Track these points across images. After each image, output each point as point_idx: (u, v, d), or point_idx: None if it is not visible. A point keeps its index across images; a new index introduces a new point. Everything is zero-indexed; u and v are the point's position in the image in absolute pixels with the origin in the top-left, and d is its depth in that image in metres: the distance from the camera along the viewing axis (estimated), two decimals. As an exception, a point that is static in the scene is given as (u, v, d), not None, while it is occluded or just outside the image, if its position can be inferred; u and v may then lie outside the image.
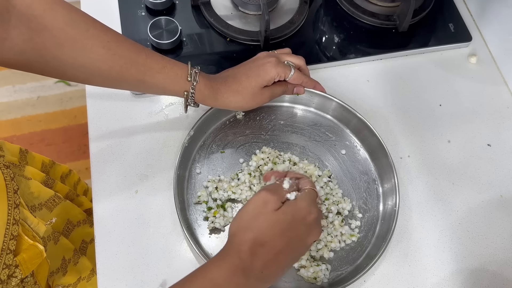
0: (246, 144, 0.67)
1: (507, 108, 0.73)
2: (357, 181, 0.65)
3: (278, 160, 0.65)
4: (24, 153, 0.73)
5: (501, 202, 0.66)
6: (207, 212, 0.61)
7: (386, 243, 0.58)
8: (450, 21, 0.78)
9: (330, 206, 0.62)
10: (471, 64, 0.76)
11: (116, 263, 0.58)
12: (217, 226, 0.60)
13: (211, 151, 0.66)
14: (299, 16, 0.75)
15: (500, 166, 0.68)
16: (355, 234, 0.61)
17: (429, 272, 0.61)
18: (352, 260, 0.60)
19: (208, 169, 0.65)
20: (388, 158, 0.63)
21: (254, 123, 0.68)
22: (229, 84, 0.59)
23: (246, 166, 0.65)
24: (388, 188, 0.63)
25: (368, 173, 0.66)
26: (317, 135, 0.68)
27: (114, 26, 0.73)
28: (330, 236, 0.61)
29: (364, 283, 0.59)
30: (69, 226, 0.71)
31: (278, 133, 0.68)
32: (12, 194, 0.52)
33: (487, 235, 0.63)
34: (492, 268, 0.61)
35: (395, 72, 0.75)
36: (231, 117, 0.68)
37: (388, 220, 0.61)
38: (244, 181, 0.63)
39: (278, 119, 0.69)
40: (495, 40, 0.77)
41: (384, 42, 0.76)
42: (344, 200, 0.63)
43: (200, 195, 0.62)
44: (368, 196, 0.64)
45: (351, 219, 0.63)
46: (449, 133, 0.70)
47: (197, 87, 0.57)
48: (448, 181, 0.67)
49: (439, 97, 0.73)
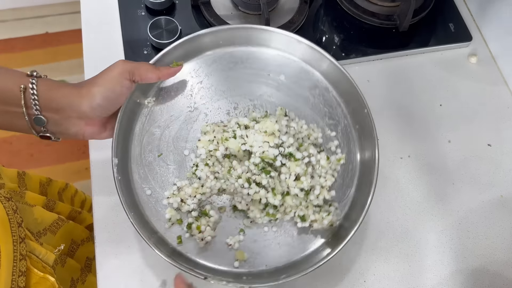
0: (179, 131, 0.58)
1: (508, 108, 0.73)
2: (310, 99, 0.60)
3: (227, 135, 0.56)
4: (21, 176, 0.72)
5: (502, 202, 0.66)
6: (188, 231, 0.54)
7: (375, 142, 0.55)
8: (450, 21, 0.78)
9: (307, 148, 0.56)
10: (472, 64, 0.76)
11: (116, 263, 0.58)
12: (208, 239, 0.54)
13: (147, 162, 0.56)
14: (299, 16, 0.75)
15: (500, 166, 0.68)
16: (340, 156, 0.58)
17: (429, 272, 0.61)
18: (347, 185, 0.57)
19: (157, 183, 0.55)
20: (330, 59, 0.58)
21: (172, 101, 0.58)
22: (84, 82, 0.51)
23: (196, 158, 0.57)
24: (344, 89, 0.59)
25: (317, 85, 0.60)
26: (239, 75, 0.60)
27: (114, 26, 0.73)
28: (322, 178, 0.57)
29: (364, 283, 0.59)
30: (73, 246, 0.70)
31: (204, 97, 0.59)
32: (16, 228, 0.51)
33: (488, 235, 0.63)
34: (493, 268, 0.61)
35: (395, 72, 0.75)
36: (145, 112, 0.57)
37: (362, 121, 0.57)
38: (207, 176, 0.55)
39: (197, 80, 0.60)
40: (496, 40, 0.77)
41: (384, 42, 0.76)
42: (312, 129, 0.59)
43: (170, 217, 0.54)
44: (329, 108, 0.59)
45: (328, 142, 0.59)
46: (449, 133, 0.70)
47: (41, 80, 0.48)
48: (448, 181, 0.66)
49: (439, 97, 0.73)
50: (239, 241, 0.55)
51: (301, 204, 0.56)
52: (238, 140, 0.56)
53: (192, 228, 0.54)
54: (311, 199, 0.56)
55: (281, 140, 0.56)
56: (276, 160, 0.55)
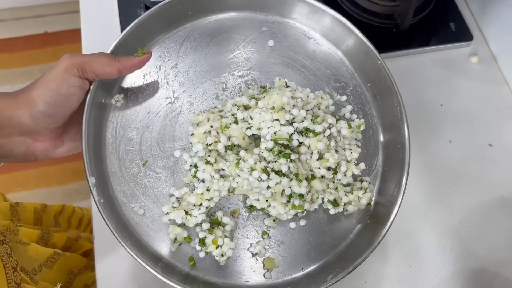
0: (162, 130, 0.49)
1: (508, 108, 0.72)
2: (308, 63, 0.52)
3: (226, 121, 0.47)
4: (15, 207, 0.68)
5: (502, 202, 0.65)
6: (202, 248, 0.46)
7: (398, 97, 0.49)
8: (451, 21, 0.78)
9: (325, 119, 0.48)
10: (472, 64, 0.76)
11: (115, 265, 0.58)
12: (229, 253, 0.45)
13: (130, 175, 0.47)
14: (299, 15, 0.74)
15: (501, 166, 0.68)
16: (360, 122, 0.50)
17: (430, 272, 0.60)
18: (372, 154, 0.51)
19: (149, 199, 0.46)
20: (323, 9, 0.50)
21: (145, 95, 0.49)
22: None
23: (190, 158, 0.48)
24: (347, 44, 0.51)
25: (314, 45, 0.52)
26: (219, 49, 0.51)
27: (114, 26, 0.73)
28: (347, 151, 0.49)
29: (364, 284, 0.59)
30: (70, 276, 0.67)
31: (184, 83, 0.50)
32: (11, 273, 0.47)
33: (488, 235, 0.63)
34: (493, 268, 0.61)
35: (395, 72, 0.74)
36: (115, 114, 0.48)
37: (374, 76, 0.51)
38: (212, 176, 0.46)
39: (171, 64, 0.51)
40: (496, 40, 0.77)
41: (385, 42, 0.75)
42: (321, 97, 0.51)
43: (175, 237, 0.45)
44: (333, 70, 0.52)
45: (340, 109, 0.51)
46: (450, 133, 0.70)
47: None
48: (449, 181, 0.66)
49: (440, 97, 0.72)
50: (265, 247, 0.47)
51: (328, 187, 0.48)
52: (241, 125, 0.46)
53: (207, 244, 0.45)
54: (338, 179, 0.48)
55: (292, 115, 0.46)
56: (293, 139, 0.46)
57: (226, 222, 0.46)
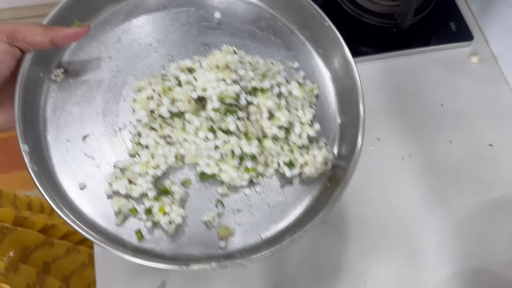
0: (105, 104, 0.47)
1: (509, 108, 0.72)
2: (258, 33, 0.52)
3: (170, 83, 0.45)
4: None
5: (503, 203, 0.65)
6: (148, 217, 0.43)
7: (346, 56, 0.49)
8: (452, 20, 0.78)
9: (274, 77, 0.47)
10: (473, 64, 0.76)
11: (114, 264, 0.58)
12: (179, 221, 0.43)
13: (71, 149, 0.45)
14: (299, 15, 0.74)
15: (501, 166, 0.68)
16: (313, 86, 0.50)
17: (430, 273, 0.60)
18: (329, 117, 0.50)
19: (91, 173, 0.44)
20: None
21: (87, 69, 0.48)
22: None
23: (136, 126, 0.46)
24: (295, 12, 0.51)
25: (261, 15, 0.52)
26: (164, 22, 0.51)
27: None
28: (300, 111, 0.48)
29: (365, 284, 0.59)
30: (26, 252, 0.66)
31: (128, 57, 0.49)
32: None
33: (489, 235, 0.63)
34: (494, 269, 0.61)
35: (396, 72, 0.74)
36: (54, 88, 0.47)
37: (325, 41, 0.50)
38: (156, 142, 0.45)
39: (114, 39, 0.50)
40: (497, 39, 0.77)
41: (385, 41, 0.75)
42: (272, 62, 0.50)
43: (119, 209, 0.43)
44: (282, 39, 0.51)
45: (293, 76, 0.50)
46: (450, 133, 0.70)
47: None
48: (449, 181, 0.66)
49: (440, 97, 0.72)
50: (218, 215, 0.45)
51: (283, 150, 0.46)
52: (185, 88, 0.44)
53: (154, 213, 0.43)
54: (293, 141, 0.47)
55: (239, 76, 0.45)
56: (240, 98, 0.44)
57: (175, 191, 0.44)
